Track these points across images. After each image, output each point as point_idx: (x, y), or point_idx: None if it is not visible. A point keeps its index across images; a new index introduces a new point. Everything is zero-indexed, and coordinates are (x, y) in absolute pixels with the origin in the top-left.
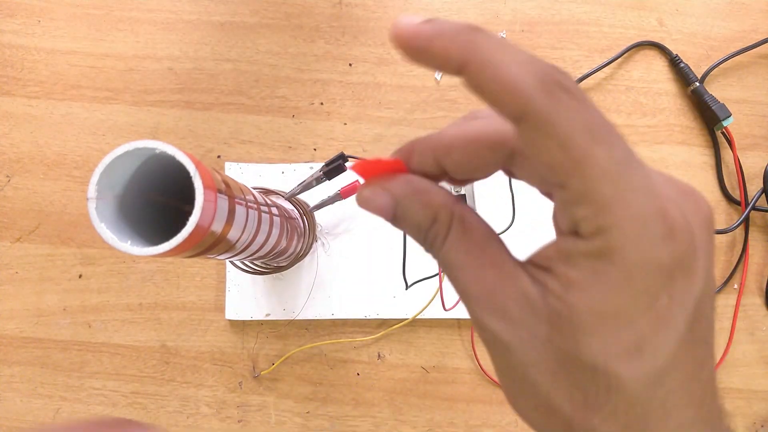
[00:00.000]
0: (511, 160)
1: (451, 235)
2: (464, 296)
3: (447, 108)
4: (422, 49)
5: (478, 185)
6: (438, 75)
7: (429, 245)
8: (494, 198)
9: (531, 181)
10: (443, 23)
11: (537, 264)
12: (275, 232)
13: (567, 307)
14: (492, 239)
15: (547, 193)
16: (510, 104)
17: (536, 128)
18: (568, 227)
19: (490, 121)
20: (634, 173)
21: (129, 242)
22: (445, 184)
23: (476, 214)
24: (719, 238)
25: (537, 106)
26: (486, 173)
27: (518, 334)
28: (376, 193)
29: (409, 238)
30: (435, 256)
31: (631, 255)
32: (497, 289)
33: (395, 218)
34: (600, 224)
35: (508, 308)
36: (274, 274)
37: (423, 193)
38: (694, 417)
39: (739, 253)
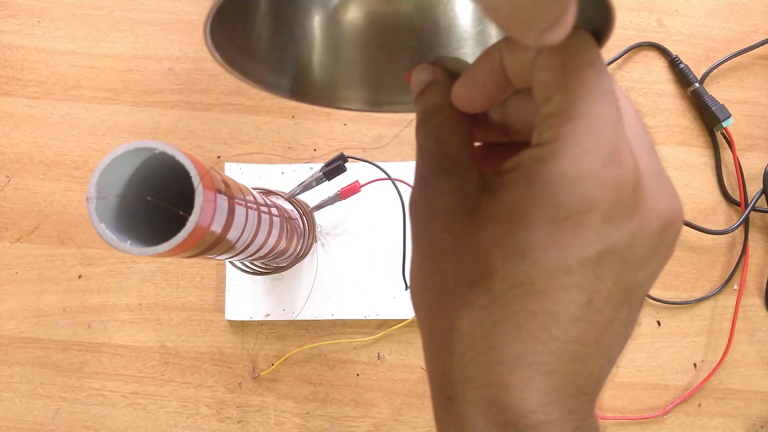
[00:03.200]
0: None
1: (447, 122)
2: (419, 170)
3: None
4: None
5: None
6: None
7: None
8: None
9: (519, 109)
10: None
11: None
12: (275, 232)
13: (491, 201)
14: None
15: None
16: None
17: (560, 52)
18: (535, 139)
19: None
20: (607, 106)
21: (128, 242)
22: None
23: None
24: (719, 238)
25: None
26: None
27: (442, 209)
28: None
29: (409, 238)
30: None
31: (566, 166)
32: (458, 170)
33: (426, 84)
34: (560, 134)
35: (452, 186)
36: (273, 275)
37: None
38: (538, 368)
39: (739, 253)
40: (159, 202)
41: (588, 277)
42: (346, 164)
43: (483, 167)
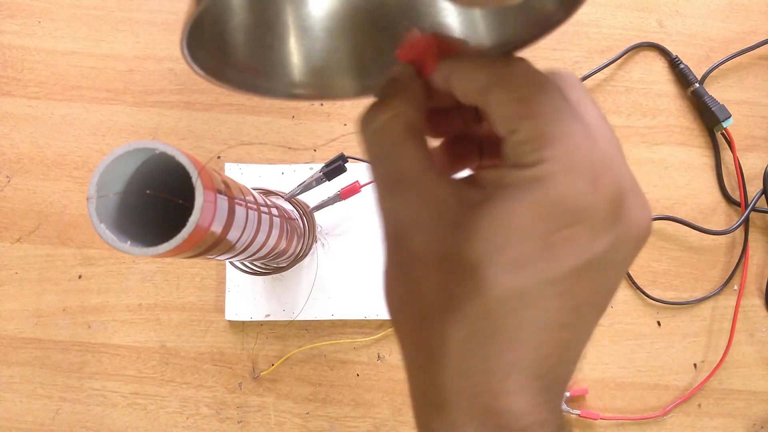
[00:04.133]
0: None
1: (398, 119)
2: (378, 177)
3: None
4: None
5: None
6: None
7: (390, 95)
8: None
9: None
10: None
11: (475, 182)
12: (275, 232)
13: (478, 214)
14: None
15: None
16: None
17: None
18: (512, 161)
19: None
20: (574, 124)
21: (129, 242)
22: None
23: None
24: (719, 239)
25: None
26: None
27: (420, 222)
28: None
29: None
30: (378, 117)
31: (557, 186)
32: (424, 179)
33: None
34: (543, 157)
35: (424, 197)
36: (273, 275)
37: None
38: (535, 363)
39: (739, 254)
40: (157, 194)
41: (576, 285)
42: (346, 164)
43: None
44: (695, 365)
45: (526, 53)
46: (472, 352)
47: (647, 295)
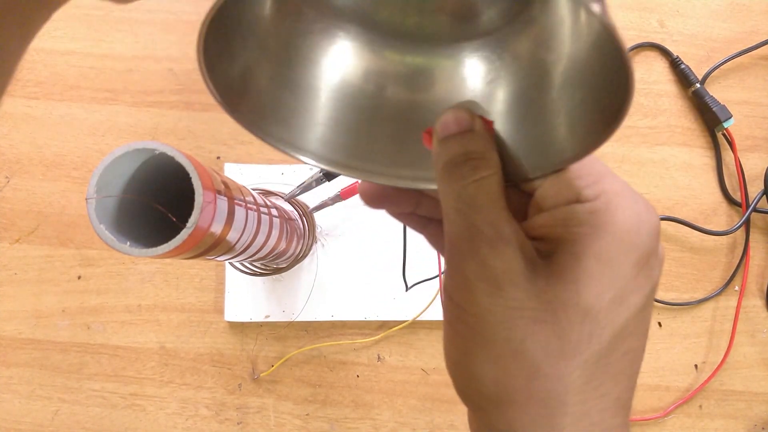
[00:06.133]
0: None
1: (495, 177)
2: (472, 230)
3: None
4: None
5: None
6: None
7: (474, 168)
8: None
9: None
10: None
11: (528, 235)
12: (275, 233)
13: (572, 258)
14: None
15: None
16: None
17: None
18: (567, 199)
19: None
20: (606, 167)
21: (128, 243)
22: None
23: None
24: (720, 239)
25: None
26: None
27: (519, 274)
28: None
29: (409, 239)
30: (470, 176)
31: (628, 213)
32: (519, 234)
33: (466, 129)
34: (601, 189)
35: (522, 250)
36: (273, 276)
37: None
38: (627, 393)
39: (740, 255)
40: (160, 209)
41: (648, 310)
42: None
43: None
44: (696, 366)
45: None
46: (591, 393)
47: None
